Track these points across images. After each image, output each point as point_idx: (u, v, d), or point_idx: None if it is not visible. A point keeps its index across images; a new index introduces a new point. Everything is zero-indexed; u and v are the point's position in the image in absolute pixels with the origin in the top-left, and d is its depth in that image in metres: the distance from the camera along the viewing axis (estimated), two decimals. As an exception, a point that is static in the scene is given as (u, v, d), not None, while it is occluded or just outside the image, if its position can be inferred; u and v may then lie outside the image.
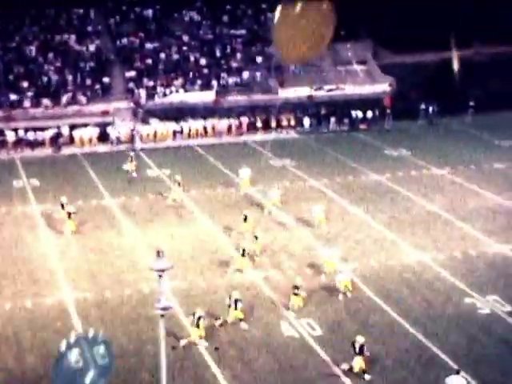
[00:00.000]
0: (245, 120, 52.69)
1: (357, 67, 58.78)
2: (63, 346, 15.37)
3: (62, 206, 34.60)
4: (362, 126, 53.44)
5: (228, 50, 58.74)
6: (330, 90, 55.71)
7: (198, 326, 24.52)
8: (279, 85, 55.45)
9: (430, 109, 54.02)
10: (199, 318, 24.55)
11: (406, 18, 73.43)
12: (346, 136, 51.79)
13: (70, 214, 33.48)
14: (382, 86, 56.86)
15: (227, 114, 52.58)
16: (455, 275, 29.09)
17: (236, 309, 25.58)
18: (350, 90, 56.20)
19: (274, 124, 52.94)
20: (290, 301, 26.57)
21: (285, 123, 53.47)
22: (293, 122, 53.59)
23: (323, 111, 53.92)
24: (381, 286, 28.38)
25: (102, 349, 15.59)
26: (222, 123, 52.07)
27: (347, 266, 29.89)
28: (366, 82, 57.54)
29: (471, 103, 54.34)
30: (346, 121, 53.65)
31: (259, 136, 51.35)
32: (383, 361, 23.44)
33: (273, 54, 58.26)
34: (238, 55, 58.32)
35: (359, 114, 53.70)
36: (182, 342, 24.34)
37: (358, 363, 22.61)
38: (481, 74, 61.34)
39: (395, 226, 34.53)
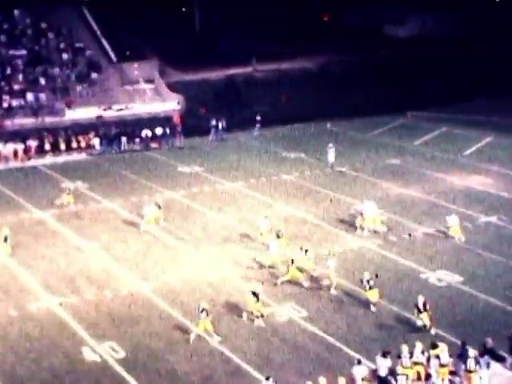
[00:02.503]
0: (32, 143, 50.92)
1: (145, 86, 58.88)
2: None
3: None
4: (154, 145, 53.36)
5: (8, 72, 56.44)
6: (120, 110, 55.28)
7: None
8: (66, 106, 54.15)
9: (220, 125, 54.98)
10: (203, 311, 24.72)
11: (186, 37, 75.34)
12: (138, 155, 51.48)
13: None
14: (171, 104, 57.30)
15: (12, 137, 50.47)
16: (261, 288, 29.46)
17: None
18: (140, 109, 56.10)
19: (63, 146, 51.73)
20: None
21: (75, 145, 52.33)
22: (83, 144, 52.52)
23: (114, 131, 53.29)
24: (181, 303, 28.31)
25: None
26: (8, 147, 49.91)
27: (146, 286, 29.76)
28: (154, 101, 57.72)
29: (258, 118, 56.09)
30: (138, 140, 53.36)
31: (48, 159, 49.95)
32: (189, 378, 23.49)
33: (57, 75, 56.88)
34: (20, 77, 56.24)
35: (149, 132, 53.58)
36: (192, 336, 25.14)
37: (426, 319, 25.17)
38: (262, 90, 63.99)
39: (192, 242, 34.75)
